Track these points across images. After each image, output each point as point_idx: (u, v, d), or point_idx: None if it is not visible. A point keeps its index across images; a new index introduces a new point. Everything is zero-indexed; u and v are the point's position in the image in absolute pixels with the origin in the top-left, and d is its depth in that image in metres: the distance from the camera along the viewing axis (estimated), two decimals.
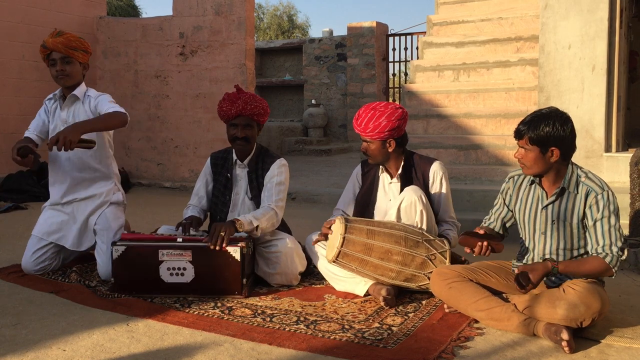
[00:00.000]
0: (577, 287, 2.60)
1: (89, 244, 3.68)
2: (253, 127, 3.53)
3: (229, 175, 3.61)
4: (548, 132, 2.66)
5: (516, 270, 2.71)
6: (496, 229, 3.05)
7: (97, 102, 3.62)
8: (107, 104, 3.58)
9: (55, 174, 3.73)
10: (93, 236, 3.66)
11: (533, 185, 2.87)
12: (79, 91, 3.66)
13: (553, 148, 2.68)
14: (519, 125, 2.76)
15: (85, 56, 3.66)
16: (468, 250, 2.86)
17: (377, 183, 3.51)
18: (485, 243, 2.80)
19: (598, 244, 2.66)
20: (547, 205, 2.80)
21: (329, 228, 3.25)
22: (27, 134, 3.70)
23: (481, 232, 2.88)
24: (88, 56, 3.69)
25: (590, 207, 2.69)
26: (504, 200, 3.02)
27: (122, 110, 3.54)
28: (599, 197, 2.67)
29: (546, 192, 2.82)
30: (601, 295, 2.60)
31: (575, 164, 2.80)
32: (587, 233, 2.73)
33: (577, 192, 2.73)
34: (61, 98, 3.71)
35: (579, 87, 4.79)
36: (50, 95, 3.78)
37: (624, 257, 2.65)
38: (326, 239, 3.30)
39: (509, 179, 3.01)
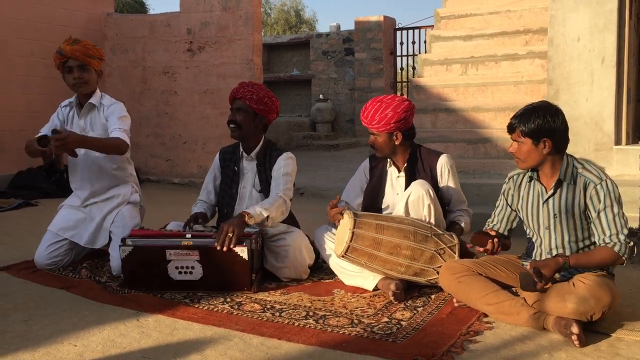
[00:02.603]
0: (587, 280, 2.59)
1: (104, 242, 3.72)
2: (246, 113, 3.49)
3: (236, 168, 3.62)
4: (539, 123, 2.68)
5: (528, 266, 2.70)
6: (500, 231, 3.04)
7: (109, 112, 3.65)
8: (115, 122, 3.59)
9: (74, 179, 3.80)
10: (108, 234, 3.70)
11: (532, 182, 2.88)
12: (95, 99, 3.70)
13: (545, 139, 2.70)
14: (511, 119, 2.80)
15: (99, 63, 3.71)
16: (480, 249, 2.86)
17: (385, 177, 3.51)
18: (496, 240, 2.84)
19: (605, 234, 2.66)
20: (547, 200, 2.80)
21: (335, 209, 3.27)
22: (42, 132, 3.74)
23: (492, 232, 2.88)
24: (102, 63, 3.74)
25: (590, 198, 2.69)
26: (507, 200, 3.02)
27: (126, 139, 3.54)
28: (598, 187, 2.67)
29: (545, 187, 2.82)
30: (611, 289, 2.59)
31: (571, 156, 2.80)
32: (591, 224, 2.72)
33: (575, 184, 2.73)
34: (78, 106, 3.75)
35: (589, 79, 4.76)
36: (66, 102, 3.82)
37: (632, 244, 2.65)
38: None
39: (508, 179, 3.02)
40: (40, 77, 7.23)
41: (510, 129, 2.78)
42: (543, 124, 2.68)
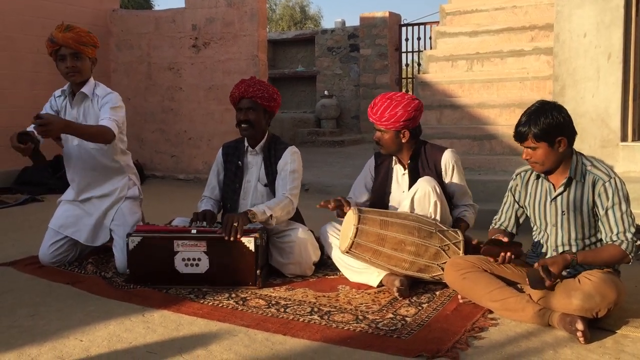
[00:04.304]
0: (593, 277, 2.59)
1: (104, 239, 3.70)
2: (257, 111, 3.50)
3: (239, 163, 3.62)
4: (549, 123, 2.65)
5: (535, 265, 2.70)
6: (508, 229, 3.03)
7: (102, 102, 3.55)
8: (106, 112, 3.47)
9: (70, 172, 3.75)
10: (108, 232, 3.68)
11: (540, 180, 2.87)
12: (87, 89, 3.60)
13: (559, 138, 2.67)
14: (517, 128, 2.73)
15: (93, 51, 3.60)
16: (491, 259, 2.84)
17: (390, 175, 3.51)
18: (508, 254, 2.76)
19: (612, 232, 2.65)
20: (555, 197, 2.79)
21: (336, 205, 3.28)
22: (29, 128, 3.69)
23: (505, 239, 2.82)
24: (96, 50, 3.63)
25: (599, 195, 2.68)
26: (514, 197, 3.01)
27: (114, 127, 3.41)
28: (607, 184, 2.66)
29: (553, 185, 2.81)
30: (617, 286, 2.59)
31: (580, 153, 2.79)
32: (598, 222, 2.72)
33: (584, 181, 2.72)
34: (70, 95, 3.67)
35: (595, 75, 4.73)
36: (59, 92, 3.74)
37: (638, 243, 2.64)
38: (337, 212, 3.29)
39: (516, 176, 3.01)
40: (47, 73, 7.21)
41: (522, 137, 2.72)
42: (553, 122, 2.65)
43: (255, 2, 7.10)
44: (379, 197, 3.51)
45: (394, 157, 3.49)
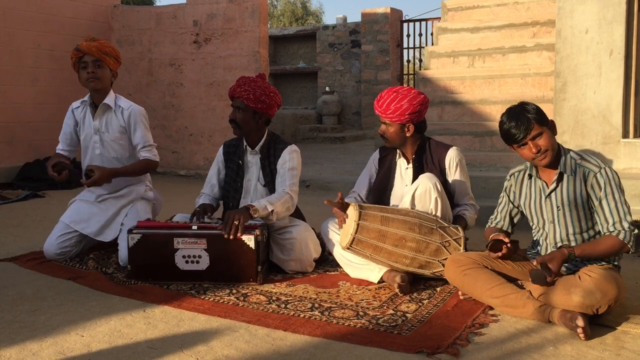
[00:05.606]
0: (593, 273, 2.59)
1: (113, 235, 3.73)
2: (245, 112, 3.48)
3: (240, 162, 3.62)
4: (534, 109, 2.70)
5: (534, 263, 2.70)
6: (504, 228, 3.04)
7: (130, 118, 3.72)
8: (141, 138, 3.73)
9: None
10: (118, 228, 3.72)
11: (532, 179, 2.88)
12: (109, 100, 3.73)
13: (550, 120, 2.74)
14: (516, 128, 2.69)
15: (115, 64, 3.74)
16: (495, 255, 2.86)
17: (394, 168, 3.51)
18: (510, 245, 2.84)
19: (608, 222, 2.66)
20: (549, 194, 2.80)
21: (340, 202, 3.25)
22: (58, 150, 3.84)
23: (506, 239, 2.86)
24: (118, 65, 3.77)
25: (592, 187, 2.69)
26: (509, 197, 3.02)
27: (155, 157, 3.77)
28: (598, 175, 2.67)
29: (546, 183, 2.82)
30: (617, 282, 2.58)
31: (568, 149, 2.80)
32: (594, 214, 2.72)
33: (576, 175, 2.73)
34: (91, 106, 3.78)
35: (596, 72, 4.73)
36: (78, 103, 3.85)
37: (636, 232, 2.64)
38: (341, 208, 3.28)
39: (510, 176, 3.03)
40: (48, 69, 7.25)
41: (527, 129, 2.66)
42: (535, 108, 2.70)
43: None
44: (381, 189, 3.51)
45: (397, 151, 3.49)
